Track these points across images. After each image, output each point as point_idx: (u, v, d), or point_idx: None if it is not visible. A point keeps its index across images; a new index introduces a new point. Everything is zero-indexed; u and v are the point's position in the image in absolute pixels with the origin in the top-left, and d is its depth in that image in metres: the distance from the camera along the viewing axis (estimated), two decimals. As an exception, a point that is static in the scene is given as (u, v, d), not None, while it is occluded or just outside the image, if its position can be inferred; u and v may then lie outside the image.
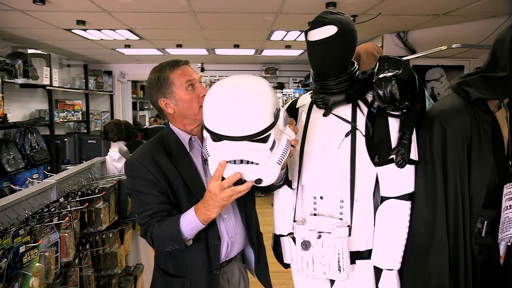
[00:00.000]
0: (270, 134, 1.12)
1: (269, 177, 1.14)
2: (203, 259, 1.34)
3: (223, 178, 1.14)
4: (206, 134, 1.20)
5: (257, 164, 1.12)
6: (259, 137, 1.10)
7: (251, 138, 1.09)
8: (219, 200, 1.16)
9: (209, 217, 1.22)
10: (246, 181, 1.12)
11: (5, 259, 1.17)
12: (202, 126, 1.42)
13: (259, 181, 1.13)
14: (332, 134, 1.38)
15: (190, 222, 1.23)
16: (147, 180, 1.30)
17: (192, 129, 1.40)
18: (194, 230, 1.25)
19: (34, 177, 3.91)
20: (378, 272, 1.36)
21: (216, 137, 1.13)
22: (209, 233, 1.33)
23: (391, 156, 1.30)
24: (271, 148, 1.13)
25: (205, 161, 1.41)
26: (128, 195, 1.42)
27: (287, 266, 1.62)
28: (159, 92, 1.35)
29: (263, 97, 1.12)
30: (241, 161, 1.11)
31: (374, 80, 1.30)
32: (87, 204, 1.81)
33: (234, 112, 1.09)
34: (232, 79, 1.19)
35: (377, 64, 1.36)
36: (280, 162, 1.14)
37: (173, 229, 1.24)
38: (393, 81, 1.25)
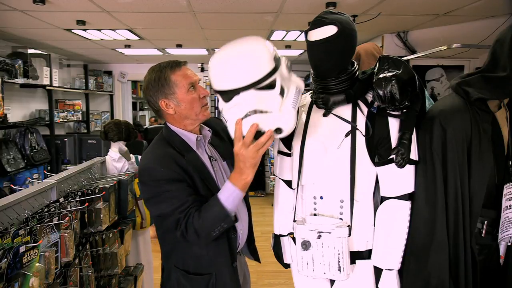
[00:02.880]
0: (275, 80, 1.15)
1: (287, 124, 1.17)
2: (226, 253, 1.37)
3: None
4: (219, 103, 1.24)
5: (271, 112, 1.15)
6: (264, 83, 1.14)
7: (256, 85, 1.13)
8: (248, 159, 1.18)
9: (246, 181, 1.23)
10: (265, 132, 1.15)
11: (5, 259, 1.17)
12: (200, 127, 1.44)
13: (279, 130, 1.16)
14: (332, 134, 1.38)
15: (229, 195, 1.24)
16: (173, 179, 1.28)
17: (193, 129, 1.41)
18: (235, 201, 1.25)
19: (34, 177, 3.91)
20: (378, 272, 1.36)
21: (226, 96, 1.16)
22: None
23: (391, 156, 1.30)
24: (281, 94, 1.16)
25: (210, 158, 1.43)
26: (147, 203, 1.37)
27: (287, 266, 1.62)
28: (159, 93, 1.35)
29: (259, 45, 1.17)
30: (255, 113, 1.14)
31: (374, 80, 1.30)
32: (87, 204, 1.81)
33: (234, 65, 1.14)
34: (230, 42, 1.23)
35: (377, 64, 1.36)
36: (294, 106, 1.17)
37: (216, 208, 1.24)
38: (393, 81, 1.25)
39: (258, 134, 1.15)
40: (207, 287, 1.35)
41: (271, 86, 1.15)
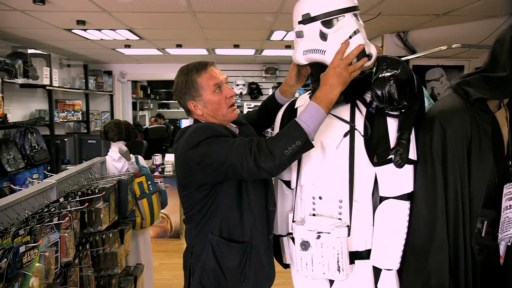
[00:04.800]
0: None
1: (374, 51, 1.27)
2: (263, 223, 1.40)
3: None
4: (301, 35, 1.30)
5: (365, 38, 1.25)
6: (358, 11, 1.26)
7: (355, 10, 1.24)
8: (343, 75, 1.22)
9: (331, 101, 1.24)
10: (363, 57, 1.23)
11: (5, 259, 1.17)
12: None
13: (370, 57, 1.25)
14: (330, 134, 1.38)
15: (312, 114, 1.22)
16: (226, 135, 1.30)
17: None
18: (317, 121, 1.23)
19: (34, 177, 3.91)
20: (377, 272, 1.36)
21: (328, 22, 1.23)
22: (269, 197, 1.40)
23: (390, 156, 1.30)
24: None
25: None
26: (198, 166, 1.27)
27: (286, 266, 1.63)
28: (187, 95, 1.39)
29: None
30: (356, 33, 1.22)
31: (372, 80, 1.30)
32: (87, 204, 1.81)
33: None
34: None
35: (376, 64, 1.36)
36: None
37: (291, 127, 1.23)
38: (391, 81, 1.25)
39: (359, 56, 1.22)
40: (243, 255, 1.37)
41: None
